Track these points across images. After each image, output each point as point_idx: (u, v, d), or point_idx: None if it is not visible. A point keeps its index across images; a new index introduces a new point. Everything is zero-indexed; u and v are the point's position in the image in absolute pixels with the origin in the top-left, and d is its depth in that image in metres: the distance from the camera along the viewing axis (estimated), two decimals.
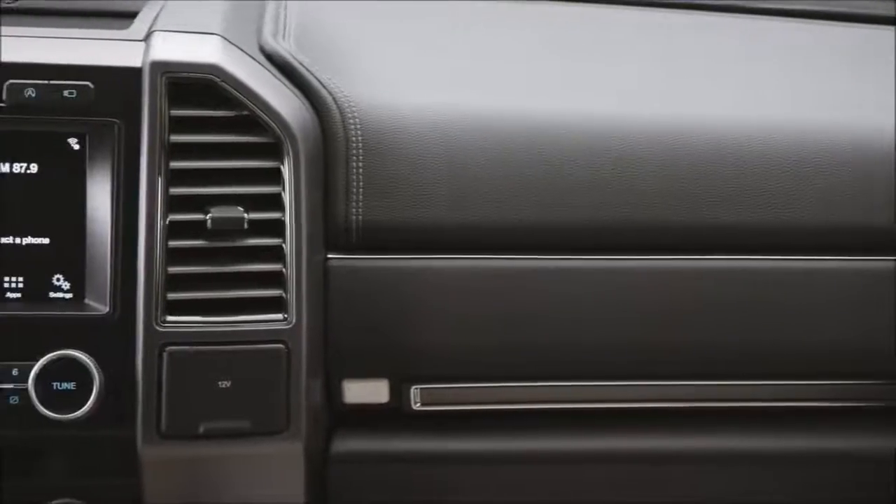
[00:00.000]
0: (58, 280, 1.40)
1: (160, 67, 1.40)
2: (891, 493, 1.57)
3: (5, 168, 1.39)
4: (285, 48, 1.53)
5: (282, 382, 1.39)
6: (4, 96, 1.38)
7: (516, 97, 1.56)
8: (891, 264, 1.53)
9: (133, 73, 1.40)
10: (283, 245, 1.41)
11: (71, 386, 1.36)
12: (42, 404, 1.36)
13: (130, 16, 1.59)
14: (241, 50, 1.47)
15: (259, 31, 1.58)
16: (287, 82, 1.49)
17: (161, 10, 1.55)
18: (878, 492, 1.57)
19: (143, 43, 1.44)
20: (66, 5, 1.61)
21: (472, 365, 1.49)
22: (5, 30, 1.46)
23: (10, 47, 1.42)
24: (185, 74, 1.40)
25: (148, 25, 1.49)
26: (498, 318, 1.48)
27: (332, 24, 1.67)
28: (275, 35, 1.57)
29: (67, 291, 1.40)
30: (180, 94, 1.40)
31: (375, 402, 1.50)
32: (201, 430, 1.38)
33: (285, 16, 1.64)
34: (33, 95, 1.38)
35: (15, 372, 1.36)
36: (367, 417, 1.51)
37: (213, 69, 1.41)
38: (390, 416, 1.51)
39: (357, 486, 1.51)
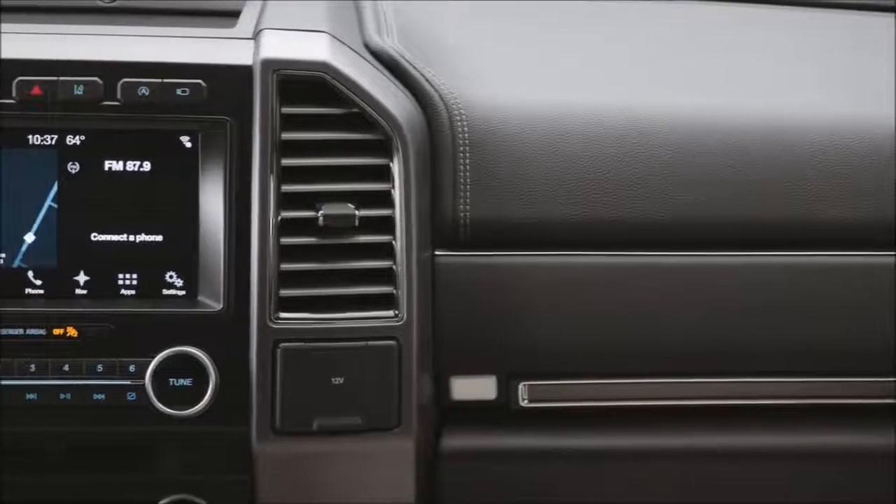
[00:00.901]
0: (171, 277, 1.41)
1: (271, 65, 1.40)
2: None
3: (119, 166, 1.41)
4: (391, 46, 1.54)
5: (394, 379, 1.40)
6: (119, 95, 1.39)
7: (619, 93, 1.56)
8: None
9: (244, 72, 1.41)
10: (394, 242, 1.41)
11: (187, 382, 1.37)
12: (159, 400, 1.37)
13: (229, 14, 1.59)
14: (349, 48, 1.48)
15: (362, 30, 1.59)
16: (394, 79, 1.50)
17: (263, 8, 1.55)
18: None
19: (252, 41, 1.45)
20: (163, 5, 1.62)
21: (580, 361, 1.49)
22: (113, 29, 1.47)
23: (119, 46, 1.43)
24: (295, 72, 1.41)
25: (254, 24, 1.49)
26: (605, 315, 1.48)
27: (431, 23, 1.68)
28: (379, 33, 1.57)
29: (180, 289, 1.41)
30: (290, 92, 1.41)
31: (483, 398, 1.49)
32: (315, 426, 1.38)
33: (384, 15, 1.65)
34: (146, 94, 1.39)
35: (132, 368, 1.37)
36: (473, 414, 1.51)
37: (324, 67, 1.41)
38: (497, 413, 1.51)
39: (464, 483, 1.51)
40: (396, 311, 1.40)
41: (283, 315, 1.39)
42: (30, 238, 1.40)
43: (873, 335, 1.51)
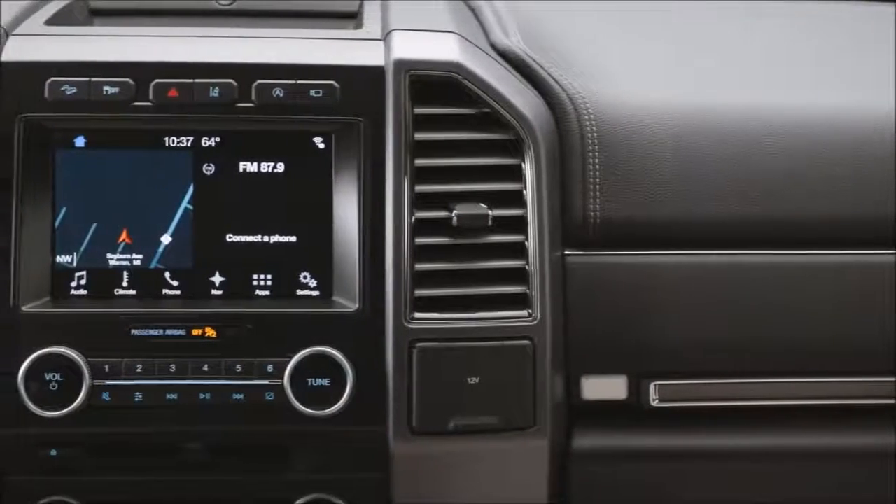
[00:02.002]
0: (304, 278, 1.42)
1: (404, 66, 1.41)
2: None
3: (253, 167, 1.41)
4: (518, 46, 1.54)
5: (528, 379, 1.40)
6: (253, 96, 1.39)
7: (746, 92, 1.55)
8: None
9: (377, 73, 1.41)
10: (526, 242, 1.41)
11: (325, 382, 1.37)
12: (297, 400, 1.37)
13: (346, 16, 1.60)
14: (478, 48, 1.48)
15: (487, 30, 1.59)
16: (522, 79, 1.50)
17: (386, 9, 1.56)
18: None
19: (381, 42, 1.45)
20: (280, 6, 1.63)
21: (710, 361, 1.48)
22: (240, 31, 1.47)
23: (250, 48, 1.43)
24: (427, 73, 1.41)
25: (379, 25, 1.50)
26: (735, 314, 1.47)
27: (551, 22, 1.68)
28: (504, 33, 1.57)
29: (314, 289, 1.41)
30: (421, 93, 1.41)
31: (613, 398, 1.49)
32: (451, 426, 1.38)
33: (503, 14, 1.65)
34: (281, 95, 1.39)
35: (270, 368, 1.38)
36: (603, 414, 1.50)
37: (456, 67, 1.41)
38: (627, 413, 1.50)
39: (594, 483, 1.50)
40: (530, 311, 1.40)
41: (418, 315, 1.39)
42: (166, 240, 1.41)
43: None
